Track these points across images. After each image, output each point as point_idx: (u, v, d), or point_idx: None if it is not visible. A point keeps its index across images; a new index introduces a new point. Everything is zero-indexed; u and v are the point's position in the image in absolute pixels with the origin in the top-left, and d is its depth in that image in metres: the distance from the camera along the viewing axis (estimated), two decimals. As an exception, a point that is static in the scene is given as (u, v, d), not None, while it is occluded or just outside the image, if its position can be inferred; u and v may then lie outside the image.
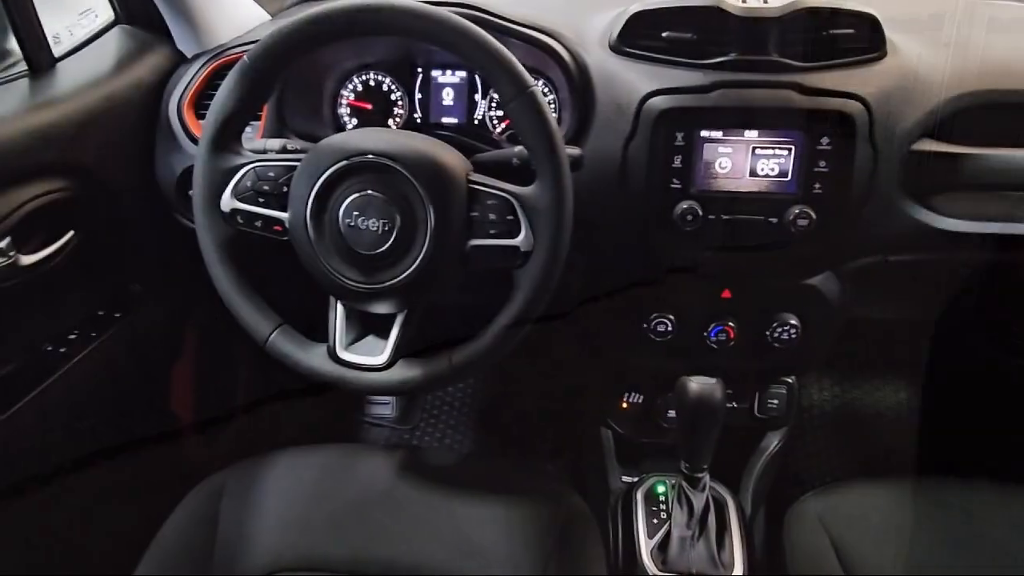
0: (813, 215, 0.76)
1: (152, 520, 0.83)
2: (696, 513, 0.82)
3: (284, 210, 0.70)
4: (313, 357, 0.72)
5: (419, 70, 0.96)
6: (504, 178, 0.70)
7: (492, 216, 0.67)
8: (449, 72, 0.96)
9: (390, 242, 0.67)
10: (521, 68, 0.65)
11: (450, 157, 0.69)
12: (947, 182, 0.80)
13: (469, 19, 0.66)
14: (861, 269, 0.86)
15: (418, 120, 0.97)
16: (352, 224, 0.67)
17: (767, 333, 0.87)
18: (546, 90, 0.92)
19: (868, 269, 0.86)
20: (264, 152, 0.75)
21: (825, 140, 0.75)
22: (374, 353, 0.71)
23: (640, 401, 1.01)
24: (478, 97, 0.95)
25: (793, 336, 0.86)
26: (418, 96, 0.96)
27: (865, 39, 0.77)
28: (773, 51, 0.76)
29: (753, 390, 0.99)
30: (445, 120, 0.96)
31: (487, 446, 1.45)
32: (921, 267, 0.87)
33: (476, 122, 0.96)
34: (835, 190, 0.76)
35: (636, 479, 0.96)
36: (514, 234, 0.67)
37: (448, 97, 0.96)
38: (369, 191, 0.67)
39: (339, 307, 0.72)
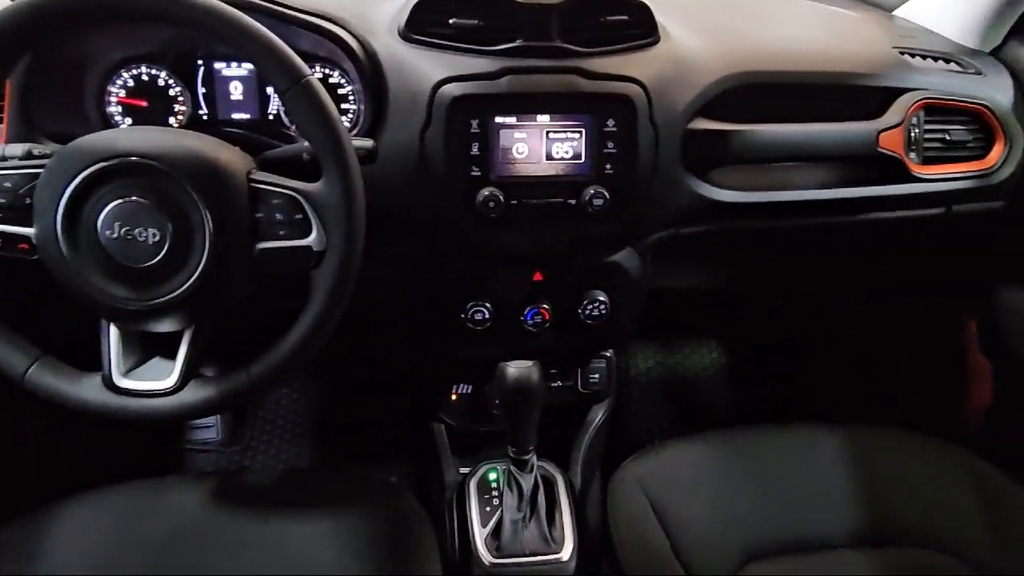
0: (607, 195, 0.80)
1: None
2: (525, 495, 0.83)
3: (29, 225, 0.61)
4: (85, 389, 0.64)
5: (200, 62, 0.88)
6: (296, 175, 0.66)
7: (279, 216, 0.63)
8: (235, 64, 0.88)
9: (163, 253, 0.61)
10: (294, 56, 0.61)
11: (227, 155, 0.64)
12: (721, 157, 0.87)
13: (240, 5, 0.61)
14: (657, 243, 0.92)
15: (204, 117, 0.89)
16: (115, 236, 0.60)
17: (579, 312, 0.90)
18: (343, 81, 0.88)
19: (664, 242, 0.92)
20: (2, 159, 0.65)
21: (611, 122, 0.79)
22: (161, 377, 0.65)
23: (469, 391, 1.01)
24: (271, 90, 0.89)
25: (603, 312, 0.90)
26: (202, 91, 0.88)
27: (639, 25, 0.82)
28: (556, 37, 0.79)
29: (575, 367, 1.02)
30: (236, 116, 0.89)
31: (325, 456, 1.39)
32: (711, 237, 0.94)
33: (271, 117, 0.90)
34: (624, 170, 0.80)
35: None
36: (305, 233, 0.64)
37: (236, 91, 0.89)
38: (133, 197, 0.60)
39: (112, 329, 0.65)
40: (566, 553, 0.84)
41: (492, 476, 0.92)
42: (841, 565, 0.78)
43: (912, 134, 0.93)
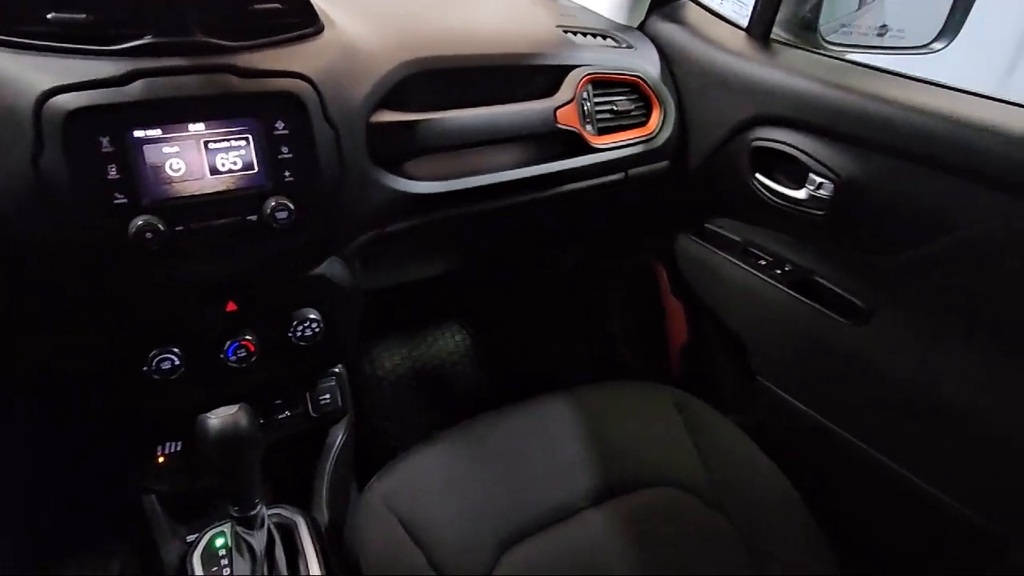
0: (291, 205, 0.71)
1: None
2: (259, 555, 0.73)
3: None
4: None
5: None
6: None
7: None
8: None
9: None
10: None
11: None
12: (410, 149, 0.84)
13: None
14: (363, 246, 0.86)
15: None
16: None
17: (290, 335, 0.81)
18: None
19: (370, 244, 0.87)
20: None
21: (280, 124, 0.70)
22: None
23: (179, 448, 0.87)
24: None
25: (317, 330, 0.82)
26: None
27: (295, 13, 0.74)
28: (197, 31, 0.67)
29: (302, 392, 0.93)
30: None
31: (24, 560, 1.11)
32: (419, 230, 0.91)
33: None
34: (305, 175, 0.72)
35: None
36: None
37: None
38: None
39: None
40: (316, 603, 0.77)
41: (219, 542, 0.80)
42: (587, 525, 0.81)
43: (584, 108, 0.98)
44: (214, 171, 0.69)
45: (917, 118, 0.78)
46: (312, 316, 0.82)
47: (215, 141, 0.68)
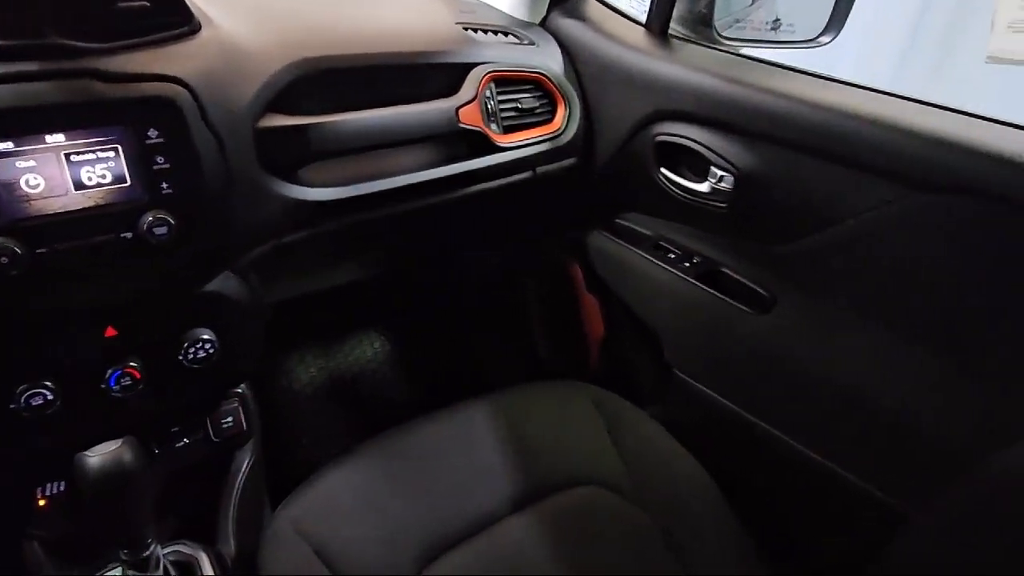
0: (171, 219, 0.66)
1: None
2: (155, 599, 0.68)
3: None
4: None
5: None
6: None
7: None
8: None
9: None
10: None
11: None
12: (304, 154, 0.79)
13: None
14: (260, 259, 0.81)
15: None
16: None
17: (181, 358, 0.75)
18: None
19: (268, 256, 0.82)
20: None
21: (154, 132, 0.65)
22: None
23: (62, 489, 0.79)
24: None
25: (211, 351, 0.77)
26: None
27: (167, 12, 0.68)
28: (51, 33, 0.61)
29: (202, 416, 0.87)
30: None
31: None
32: (320, 239, 0.86)
33: None
34: (186, 186, 0.67)
35: (90, 582, 0.76)
36: None
37: None
38: None
39: None
40: (223, 645, 0.72)
41: (113, 587, 0.74)
42: (509, 532, 0.80)
43: (488, 106, 0.96)
44: (79, 186, 0.62)
45: (809, 111, 0.80)
46: (205, 336, 0.76)
47: (78, 153, 0.62)
